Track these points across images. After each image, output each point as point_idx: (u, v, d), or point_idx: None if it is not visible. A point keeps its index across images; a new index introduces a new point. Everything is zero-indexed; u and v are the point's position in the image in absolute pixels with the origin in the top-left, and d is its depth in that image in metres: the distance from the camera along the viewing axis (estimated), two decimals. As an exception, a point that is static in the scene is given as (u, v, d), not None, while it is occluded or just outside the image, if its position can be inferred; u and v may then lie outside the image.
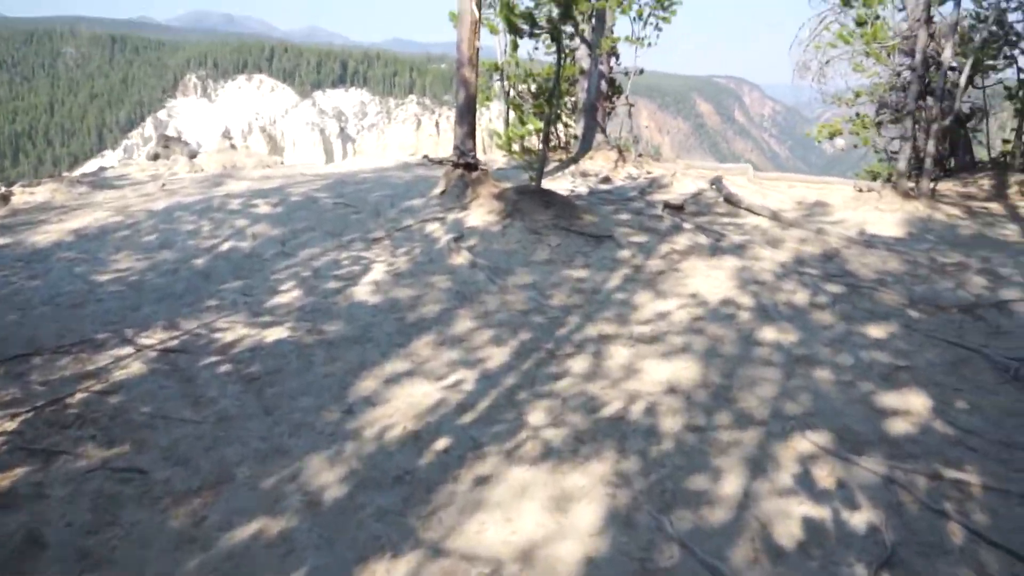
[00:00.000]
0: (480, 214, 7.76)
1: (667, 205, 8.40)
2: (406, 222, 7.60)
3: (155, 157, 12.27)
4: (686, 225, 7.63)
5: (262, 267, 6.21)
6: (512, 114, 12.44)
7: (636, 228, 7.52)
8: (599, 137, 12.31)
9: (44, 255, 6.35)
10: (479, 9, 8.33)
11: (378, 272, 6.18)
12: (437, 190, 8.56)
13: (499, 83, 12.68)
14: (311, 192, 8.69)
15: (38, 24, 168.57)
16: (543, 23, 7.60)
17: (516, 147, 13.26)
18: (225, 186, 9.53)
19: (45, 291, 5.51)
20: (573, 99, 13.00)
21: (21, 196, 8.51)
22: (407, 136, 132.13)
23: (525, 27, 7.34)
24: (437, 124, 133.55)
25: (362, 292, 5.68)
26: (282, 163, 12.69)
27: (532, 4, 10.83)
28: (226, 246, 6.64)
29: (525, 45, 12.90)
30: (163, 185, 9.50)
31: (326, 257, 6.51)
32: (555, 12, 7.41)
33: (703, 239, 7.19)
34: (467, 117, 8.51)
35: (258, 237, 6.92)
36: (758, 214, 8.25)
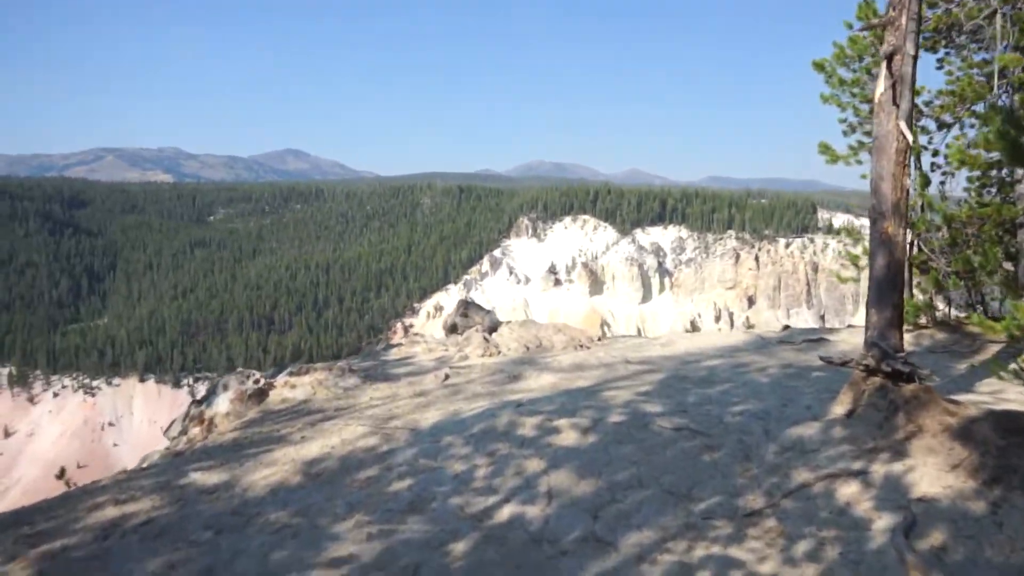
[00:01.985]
0: (933, 469, 4.46)
1: None
2: (797, 475, 4.58)
3: (452, 328, 11.00)
4: None
5: (556, 572, 3.66)
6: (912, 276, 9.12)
7: None
8: (1067, 306, 8.15)
9: (246, 518, 4.24)
10: (911, 130, 5.34)
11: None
12: (839, 408, 5.44)
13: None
14: (638, 402, 6.12)
15: (403, 181, 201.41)
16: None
17: (925, 319, 9.66)
18: (523, 381, 7.44)
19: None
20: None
21: (281, 391, 7.18)
22: (726, 271, 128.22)
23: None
24: (757, 259, 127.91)
25: None
26: (599, 340, 10.47)
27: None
28: (505, 513, 4.23)
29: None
30: (446, 378, 7.69)
31: (668, 557, 3.75)
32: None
33: None
34: (889, 295, 5.39)
35: (556, 497, 4.43)
36: None
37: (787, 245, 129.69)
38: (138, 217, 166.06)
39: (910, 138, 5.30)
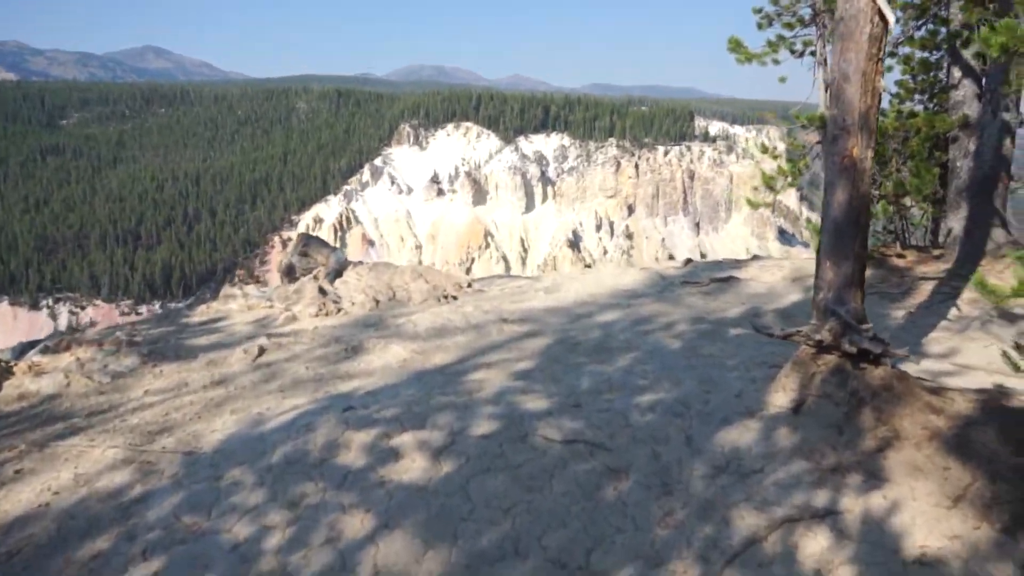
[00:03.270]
0: (927, 504, 3.13)
1: None
2: (740, 520, 3.14)
3: (289, 271, 8.79)
4: None
5: None
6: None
7: None
8: (998, 234, 7.17)
9: None
10: (890, 11, 3.77)
11: None
12: (780, 397, 4.02)
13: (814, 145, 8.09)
14: (514, 392, 4.46)
15: (277, 84, 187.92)
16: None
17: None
18: (363, 357, 5.55)
19: None
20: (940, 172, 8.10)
21: (21, 381, 5.00)
22: (607, 179, 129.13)
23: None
24: (637, 167, 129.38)
25: None
26: (469, 286, 8.67)
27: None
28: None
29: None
30: (259, 353, 5.70)
31: None
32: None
33: None
34: (850, 241, 3.94)
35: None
36: None
37: (665, 153, 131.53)
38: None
39: (891, 19, 3.74)
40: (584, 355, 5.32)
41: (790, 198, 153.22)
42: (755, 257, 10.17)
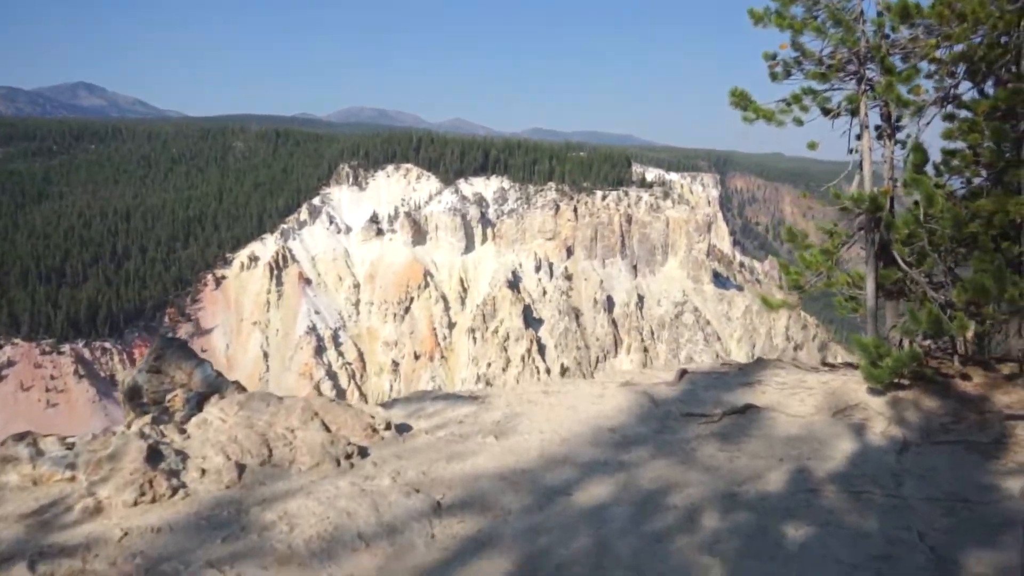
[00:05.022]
0: None
1: None
2: None
3: (133, 394, 6.51)
4: None
5: None
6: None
7: None
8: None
9: None
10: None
11: None
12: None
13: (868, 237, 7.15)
14: None
15: (214, 123, 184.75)
16: None
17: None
18: None
19: None
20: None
21: None
22: (547, 222, 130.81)
23: None
24: (575, 210, 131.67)
25: None
26: (387, 429, 6.24)
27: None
28: None
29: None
30: None
31: None
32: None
33: None
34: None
35: None
36: None
37: (604, 197, 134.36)
38: None
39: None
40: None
41: (723, 241, 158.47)
42: (760, 362, 8.84)
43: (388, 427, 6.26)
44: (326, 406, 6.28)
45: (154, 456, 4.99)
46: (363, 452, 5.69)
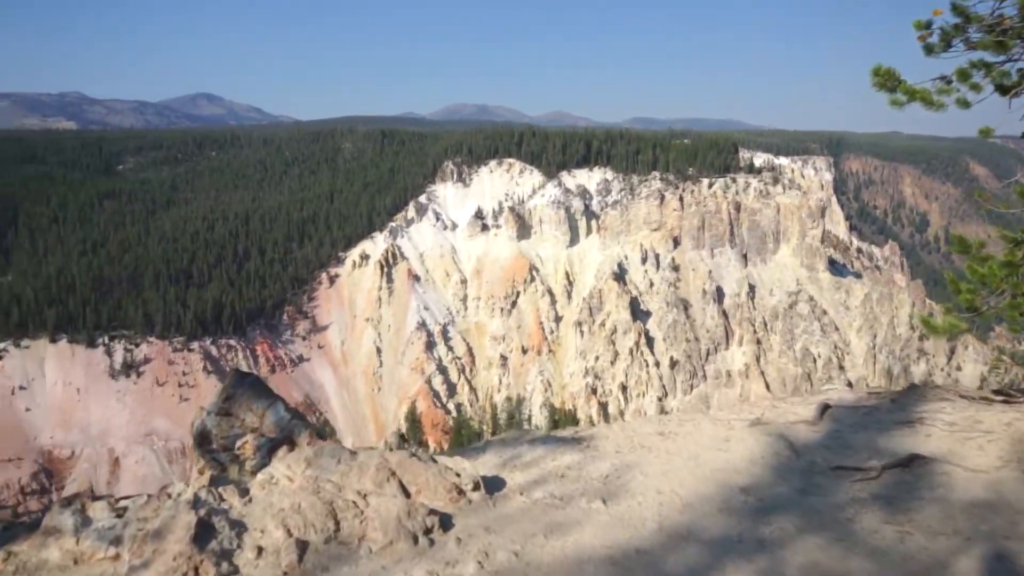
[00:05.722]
0: None
1: None
2: None
3: (202, 439, 6.05)
4: None
5: None
6: None
7: None
8: None
9: None
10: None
11: None
12: None
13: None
14: None
15: (323, 126, 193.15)
16: None
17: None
18: None
19: None
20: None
21: None
22: (652, 212, 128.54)
23: None
24: (681, 199, 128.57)
25: None
26: (476, 490, 5.54)
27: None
28: None
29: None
30: None
31: None
32: None
33: None
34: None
35: None
36: None
37: (710, 185, 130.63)
38: (39, 168, 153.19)
39: None
40: None
41: (839, 226, 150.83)
42: (916, 390, 7.54)
43: (476, 487, 5.44)
44: (404, 463, 5.50)
45: (204, 534, 4.47)
46: (445, 523, 4.90)
